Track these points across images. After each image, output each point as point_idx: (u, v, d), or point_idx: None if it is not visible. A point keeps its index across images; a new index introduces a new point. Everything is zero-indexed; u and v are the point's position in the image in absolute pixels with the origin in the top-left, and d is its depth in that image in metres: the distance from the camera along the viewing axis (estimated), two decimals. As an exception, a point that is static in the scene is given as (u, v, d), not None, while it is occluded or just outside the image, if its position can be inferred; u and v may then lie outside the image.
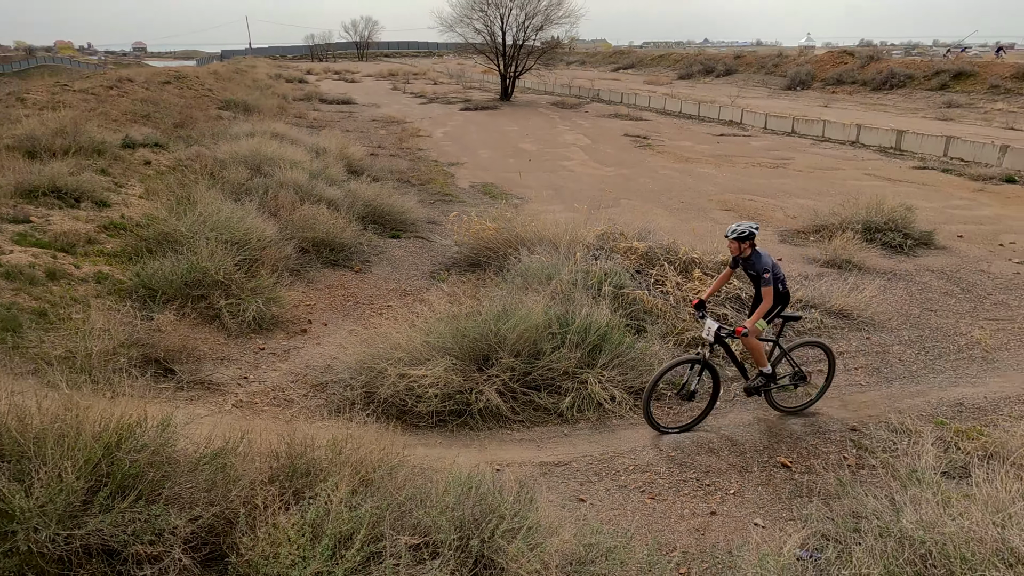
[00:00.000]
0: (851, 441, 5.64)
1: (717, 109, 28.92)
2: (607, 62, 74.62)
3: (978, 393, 6.52)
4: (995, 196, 15.10)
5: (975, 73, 36.29)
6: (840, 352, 7.40)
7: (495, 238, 9.57)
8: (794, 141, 23.27)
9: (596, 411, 5.88)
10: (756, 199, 14.89)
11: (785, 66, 48.93)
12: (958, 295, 9.17)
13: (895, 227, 11.52)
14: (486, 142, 23.41)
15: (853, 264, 10.26)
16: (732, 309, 8.10)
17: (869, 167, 18.61)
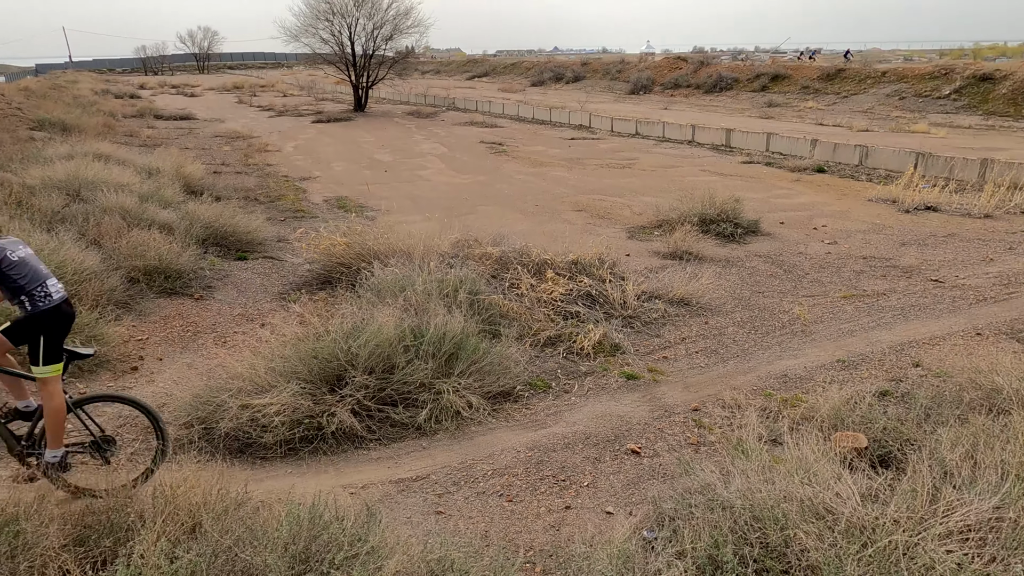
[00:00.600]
0: (693, 420, 6.01)
1: (567, 114, 30.08)
2: (462, 71, 75.44)
3: (799, 364, 7.20)
4: (809, 185, 16.87)
5: (789, 76, 40.47)
6: (682, 337, 7.90)
7: (347, 253, 9.30)
8: (638, 142, 24.70)
9: (454, 420, 5.84)
10: (606, 199, 15.60)
11: (628, 72, 51.96)
12: (781, 276, 10.11)
13: (727, 218, 12.53)
14: (340, 154, 22.79)
15: (692, 254, 11.02)
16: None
17: (704, 163, 20.13)
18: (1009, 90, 29.53)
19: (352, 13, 36.01)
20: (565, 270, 9.10)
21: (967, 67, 33.12)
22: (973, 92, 30.85)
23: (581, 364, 7.18)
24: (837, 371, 7.00)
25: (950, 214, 13.45)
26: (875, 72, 36.52)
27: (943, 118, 29.38)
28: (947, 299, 9.05)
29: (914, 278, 9.92)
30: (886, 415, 5.37)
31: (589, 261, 9.28)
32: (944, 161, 16.37)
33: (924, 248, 11.36)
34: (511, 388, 6.56)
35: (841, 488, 3.54)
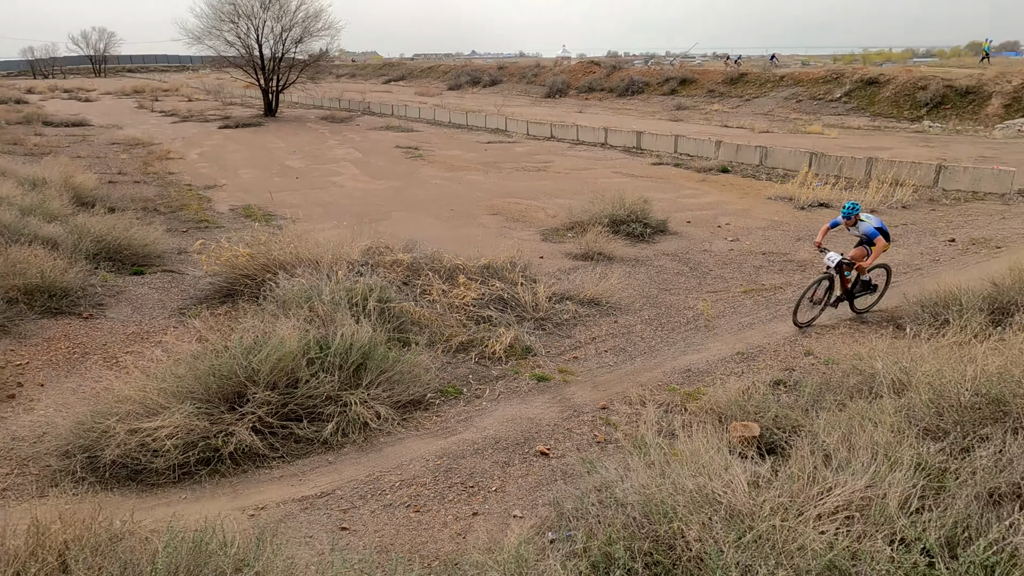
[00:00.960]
0: (600, 419, 6.14)
1: (484, 118, 30.17)
2: (378, 74, 74.35)
3: (702, 358, 7.48)
4: (714, 185, 17.59)
5: (696, 80, 42.08)
6: (592, 337, 8.06)
7: (250, 264, 8.96)
8: (553, 145, 25.06)
9: (362, 432, 5.73)
10: (521, 201, 15.73)
11: (544, 76, 52.62)
12: (687, 274, 10.48)
13: (636, 218, 12.88)
14: (249, 161, 21.98)
15: (603, 255, 11.26)
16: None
17: (617, 165, 20.65)
18: (892, 93, 31.80)
19: (259, 15, 34.85)
20: (477, 275, 9.10)
21: (855, 72, 35.43)
22: (861, 95, 33.05)
23: (493, 368, 7.19)
24: (737, 363, 7.31)
25: (840, 210, 14.30)
26: (774, 76, 38.52)
27: (835, 119, 31.31)
28: (836, 290, 9.62)
29: (807, 271, 10.50)
30: (778, 403, 5.65)
31: (501, 265, 9.32)
32: (835, 160, 17.44)
33: (817, 243, 12.04)
34: (422, 396, 6.50)
35: (729, 477, 3.69)
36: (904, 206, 14.44)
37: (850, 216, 8.14)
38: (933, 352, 5.42)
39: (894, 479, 3.50)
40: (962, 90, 29.61)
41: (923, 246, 11.65)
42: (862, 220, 8.18)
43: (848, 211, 8.15)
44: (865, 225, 8.15)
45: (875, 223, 8.17)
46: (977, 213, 13.78)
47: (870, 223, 8.15)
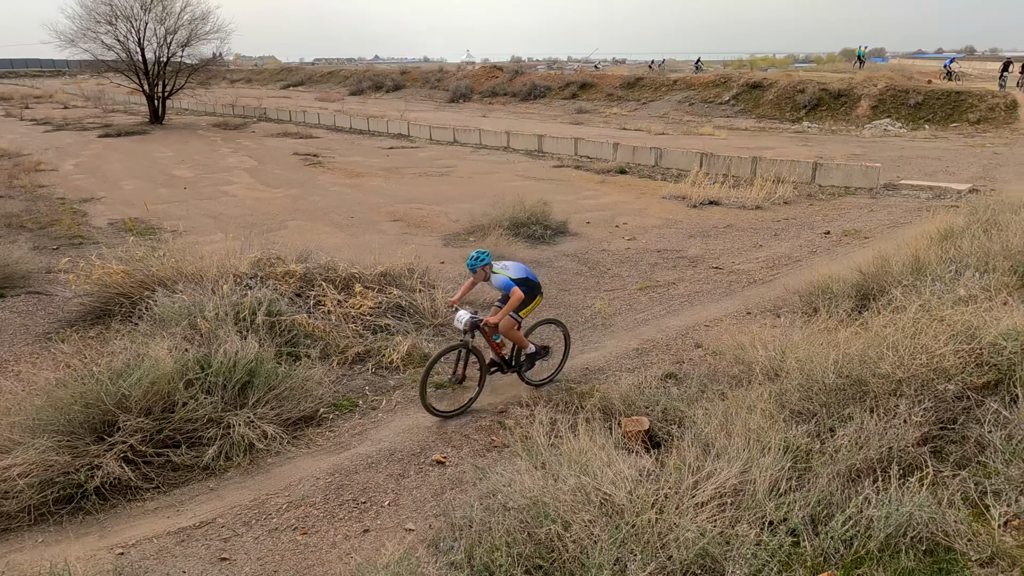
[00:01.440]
0: (498, 424, 6.11)
1: (386, 123, 29.72)
2: (276, 79, 71.89)
3: (599, 356, 7.62)
4: (613, 186, 18.07)
5: (595, 84, 43.24)
6: (492, 341, 8.03)
7: (126, 282, 8.36)
8: (456, 150, 25.01)
9: (247, 454, 5.44)
10: (424, 207, 15.56)
11: (447, 81, 52.55)
12: (586, 273, 10.67)
13: (537, 220, 13.01)
14: (132, 172, 20.63)
15: (505, 258, 11.27)
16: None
17: (519, 169, 20.83)
18: (775, 96, 33.88)
19: (139, 16, 32.81)
20: (374, 283, 8.89)
21: (742, 76, 37.52)
22: (747, 98, 35.01)
23: (390, 378, 7.03)
24: (631, 359, 7.49)
25: (729, 207, 15.05)
26: (668, 81, 40.18)
27: (725, 121, 33.00)
28: (725, 284, 10.08)
29: (699, 267, 10.94)
30: (667, 396, 5.81)
31: (399, 272, 9.15)
32: (723, 160, 18.33)
33: (707, 239, 12.60)
34: (314, 411, 6.25)
35: (611, 474, 3.74)
36: (786, 202, 15.34)
37: (475, 268, 6.28)
38: (805, 339, 5.73)
39: (764, 464, 3.65)
40: (835, 93, 31.92)
41: (802, 239, 12.41)
42: (495, 272, 6.31)
43: (472, 263, 6.29)
44: (498, 278, 6.28)
45: (514, 272, 6.39)
46: (849, 207, 14.85)
47: (505, 273, 6.32)
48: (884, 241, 11.42)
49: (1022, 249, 7.42)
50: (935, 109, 28.72)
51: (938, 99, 29.06)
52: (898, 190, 15.89)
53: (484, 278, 6.38)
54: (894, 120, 28.81)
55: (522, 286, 6.35)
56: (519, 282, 6.37)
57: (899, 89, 30.41)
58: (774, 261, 11.14)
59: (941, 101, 28.95)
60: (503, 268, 6.47)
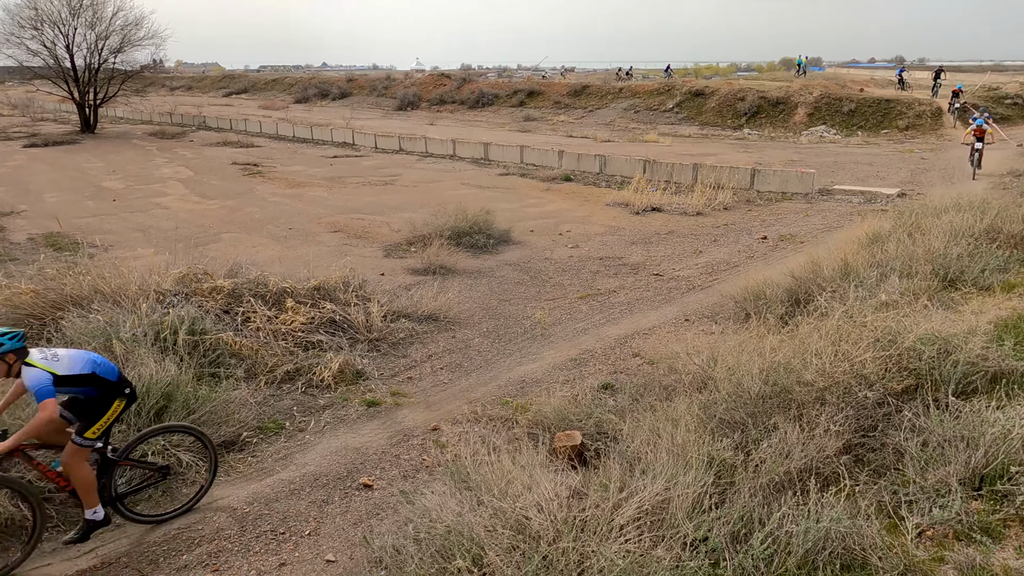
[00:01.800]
0: (432, 441, 5.92)
1: (330, 132, 29.19)
2: (218, 87, 70.05)
3: (537, 367, 7.51)
4: (558, 193, 18.09)
5: (543, 92, 43.47)
6: (429, 355, 7.85)
7: (37, 302, 7.85)
8: (402, 158, 24.71)
9: (160, 486, 5.10)
10: (365, 217, 15.25)
11: (395, 88, 52.07)
12: (527, 283, 10.58)
13: (479, 229, 12.88)
14: (57, 183, 19.67)
15: (446, 268, 11.11)
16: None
17: (465, 177, 20.69)
18: (717, 104, 34.65)
19: (68, 22, 31.46)
20: (307, 297, 8.58)
21: (685, 84, 38.26)
22: (690, 106, 35.71)
23: (320, 397, 6.77)
24: (569, 370, 7.41)
25: (671, 213, 15.22)
26: (614, 89, 40.68)
27: (669, 128, 33.57)
28: (664, 291, 10.13)
29: (640, 274, 10.98)
30: (602, 408, 5.73)
31: (333, 285, 8.86)
32: (666, 167, 18.57)
33: (649, 246, 12.68)
34: (236, 436, 5.94)
35: (535, 497, 3.61)
36: (726, 208, 15.61)
37: None
38: (736, 347, 5.73)
39: (687, 480, 3.57)
40: (774, 101, 32.85)
41: (740, 244, 12.61)
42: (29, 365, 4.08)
43: None
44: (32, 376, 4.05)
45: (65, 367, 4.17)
46: (786, 212, 15.19)
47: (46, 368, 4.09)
48: (818, 245, 11.68)
49: (942, 252, 7.64)
50: (867, 116, 29.83)
51: (870, 107, 30.20)
52: (832, 195, 16.35)
53: (8, 374, 4.08)
54: (829, 127, 29.80)
55: (79, 388, 4.26)
56: (69, 382, 4.18)
57: (833, 97, 31.49)
58: (713, 267, 11.27)
59: (872, 108, 30.08)
60: (49, 360, 4.15)
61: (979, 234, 8.43)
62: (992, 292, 6.67)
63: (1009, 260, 7.52)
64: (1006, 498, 3.12)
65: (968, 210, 9.07)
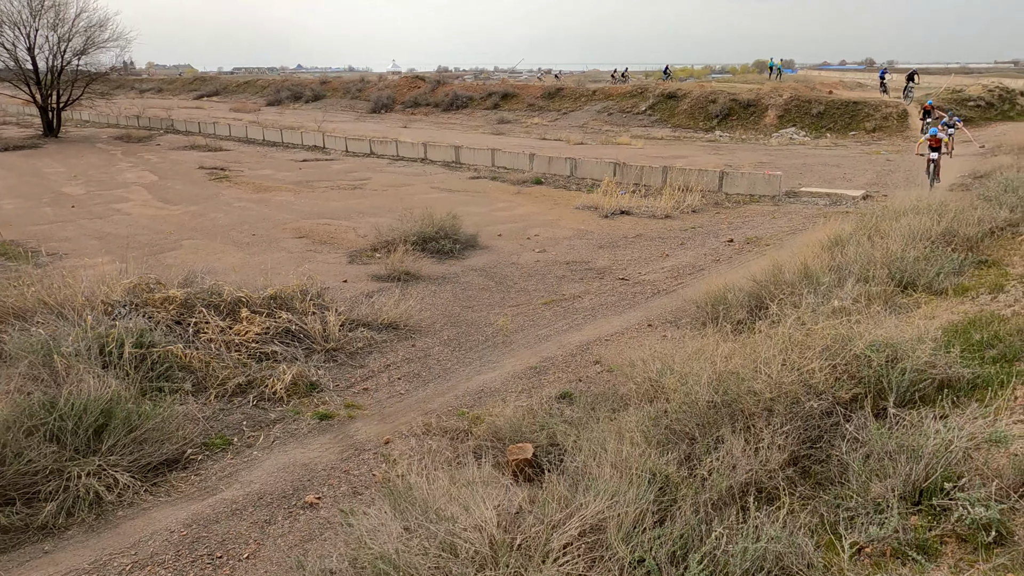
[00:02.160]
0: (383, 455, 5.78)
1: (300, 135, 28.81)
2: (189, 89, 68.99)
3: (497, 376, 7.39)
4: (528, 197, 18.01)
5: (517, 94, 43.42)
6: (387, 365, 7.70)
7: (-24, 315, 7.56)
8: (373, 162, 24.46)
9: (93, 509, 4.90)
10: (331, 222, 15.03)
11: (369, 91, 51.66)
12: (492, 288, 10.46)
13: (446, 234, 12.73)
14: (15, 189, 19.15)
15: (410, 274, 10.96)
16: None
17: (435, 180, 20.52)
18: (689, 106, 34.86)
19: (29, 23, 30.69)
20: (263, 307, 8.38)
21: (658, 87, 38.45)
22: (663, 108, 35.88)
23: (272, 411, 6.59)
24: (529, 378, 7.30)
25: (639, 216, 15.21)
26: (587, 91, 40.76)
27: (642, 131, 33.69)
28: (629, 295, 10.08)
29: (605, 278, 10.92)
30: (555, 419, 5.62)
31: (291, 294, 8.67)
32: (636, 170, 18.59)
33: (616, 249, 12.64)
34: (180, 453, 5.75)
35: (476, 517, 3.49)
36: (694, 210, 15.64)
37: None
38: (691, 355, 5.66)
39: (630, 497, 3.48)
40: (745, 103, 33.12)
41: (707, 247, 12.62)
42: None
43: None
44: None
45: None
46: (753, 214, 15.26)
47: None
48: (782, 248, 11.73)
49: (899, 256, 7.68)
50: (836, 118, 30.20)
51: (838, 109, 30.58)
52: (799, 197, 16.48)
53: None
54: (799, 129, 30.11)
55: None
56: None
57: (803, 99, 31.83)
58: (679, 270, 11.25)
59: (841, 111, 30.47)
60: None
61: (936, 237, 8.49)
62: (946, 295, 6.70)
63: (964, 263, 7.58)
64: (944, 513, 3.07)
65: (926, 213, 9.14)
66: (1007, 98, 29.31)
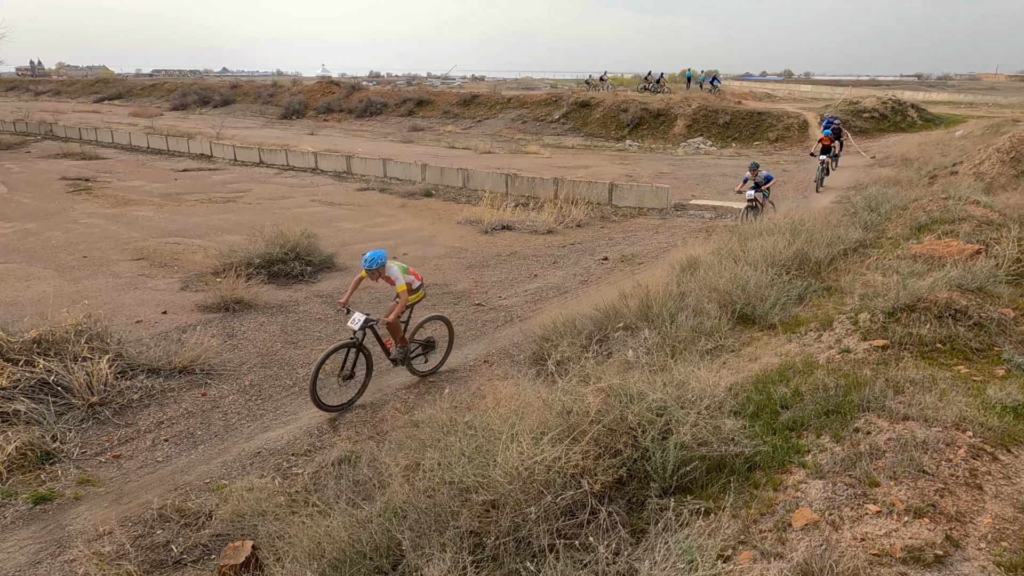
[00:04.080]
0: (89, 556, 4.63)
1: (187, 143, 26.92)
2: (90, 92, 64.92)
3: (285, 433, 6.34)
4: (412, 210, 16.98)
5: (432, 101, 42.40)
6: (160, 421, 6.52)
7: None
8: (260, 172, 22.94)
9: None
10: (182, 241, 13.61)
11: (281, 96, 49.61)
12: (330, 319, 9.38)
13: (299, 255, 11.58)
14: None
15: (243, 303, 9.76)
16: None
17: (319, 192, 19.25)
18: (601, 115, 34.63)
19: None
20: (22, 352, 7.05)
21: (572, 95, 38.14)
22: (576, 117, 35.55)
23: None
24: (321, 435, 6.28)
25: (521, 232, 14.42)
26: (503, 99, 40.11)
27: (555, 139, 33.22)
28: (479, 324, 9.19)
29: (461, 303, 10.02)
30: (303, 503, 4.62)
31: (62, 336, 7.35)
32: (527, 181, 17.84)
33: (484, 269, 11.76)
34: None
35: None
36: (579, 225, 14.97)
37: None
38: (477, 430, 4.76)
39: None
40: (655, 112, 33.11)
41: (580, 266, 11.90)
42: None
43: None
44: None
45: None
46: (638, 229, 14.71)
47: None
48: (653, 266, 11.15)
49: (741, 284, 7.04)
50: (741, 128, 30.46)
51: (743, 119, 30.87)
52: (686, 210, 16.06)
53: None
54: (706, 138, 30.22)
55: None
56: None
57: (710, 109, 32.03)
58: (542, 294, 10.45)
59: (746, 120, 30.77)
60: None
61: (787, 260, 7.95)
62: (776, 331, 6.06)
63: (807, 290, 7.01)
64: None
65: (780, 233, 8.62)
66: (899, 110, 30.21)
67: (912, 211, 9.05)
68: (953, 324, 4.87)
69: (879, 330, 4.98)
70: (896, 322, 5.02)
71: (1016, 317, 5.11)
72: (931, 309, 5.02)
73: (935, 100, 42.49)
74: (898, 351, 4.63)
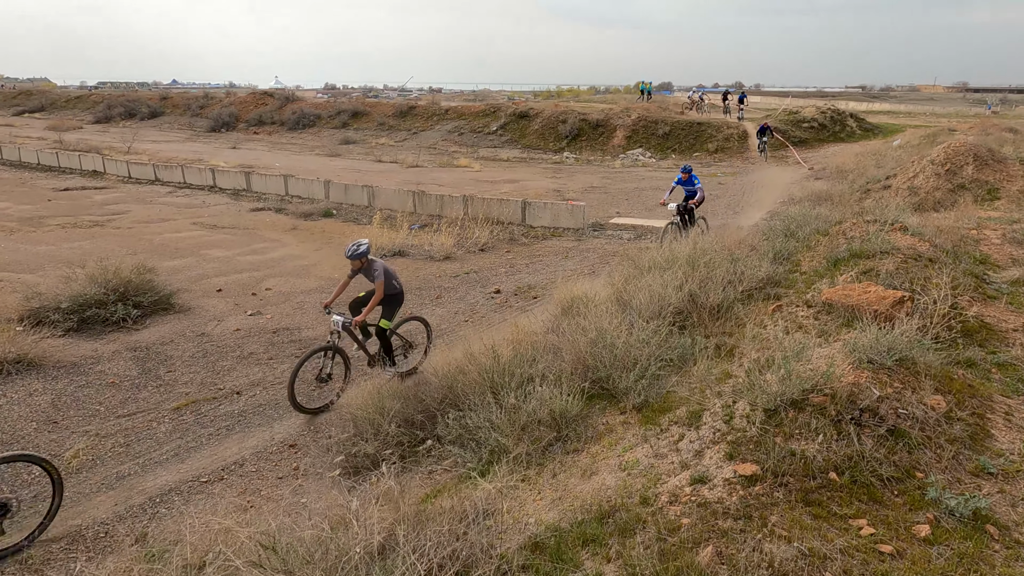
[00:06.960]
0: None
1: (79, 158, 24.50)
2: (10, 104, 61.15)
3: (-49, 579, 4.44)
4: (302, 233, 15.10)
5: (368, 112, 40.52)
6: None
7: None
8: (151, 190, 20.76)
9: None
10: (6, 276, 11.48)
11: (212, 108, 47.14)
12: (128, 384, 7.47)
13: (127, 295, 9.63)
14: None
15: (25, 362, 7.78)
16: None
17: (206, 214, 17.21)
18: (540, 126, 33.20)
19: None
20: None
21: (511, 106, 36.67)
22: (515, 128, 34.05)
23: None
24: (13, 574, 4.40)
25: (415, 258, 12.68)
26: (440, 110, 38.43)
27: (490, 152, 31.64)
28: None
29: (302, 348, 8.20)
30: None
31: None
32: (435, 199, 16.14)
33: (352, 308, 9.97)
34: None
35: None
36: (482, 248, 13.30)
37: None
38: None
39: None
40: (594, 123, 31.82)
41: (465, 302, 10.20)
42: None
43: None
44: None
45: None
46: (547, 252, 13.10)
47: None
48: (547, 301, 9.50)
49: (610, 342, 5.39)
50: (681, 139, 29.34)
51: (683, 130, 29.77)
52: (604, 230, 14.53)
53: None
54: (645, 150, 29.01)
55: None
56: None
57: (650, 120, 30.88)
58: (408, 340, 8.70)
59: (686, 131, 29.67)
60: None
61: (679, 304, 6.35)
62: (636, 418, 4.42)
63: (690, 350, 5.41)
64: None
65: (678, 267, 7.04)
66: (838, 120, 29.47)
67: (833, 237, 7.60)
68: (857, 436, 3.30)
69: (753, 441, 3.39)
70: (777, 427, 3.44)
71: (949, 410, 3.58)
72: (827, 409, 3.46)
73: (876, 110, 42.31)
74: (771, 488, 3.03)
